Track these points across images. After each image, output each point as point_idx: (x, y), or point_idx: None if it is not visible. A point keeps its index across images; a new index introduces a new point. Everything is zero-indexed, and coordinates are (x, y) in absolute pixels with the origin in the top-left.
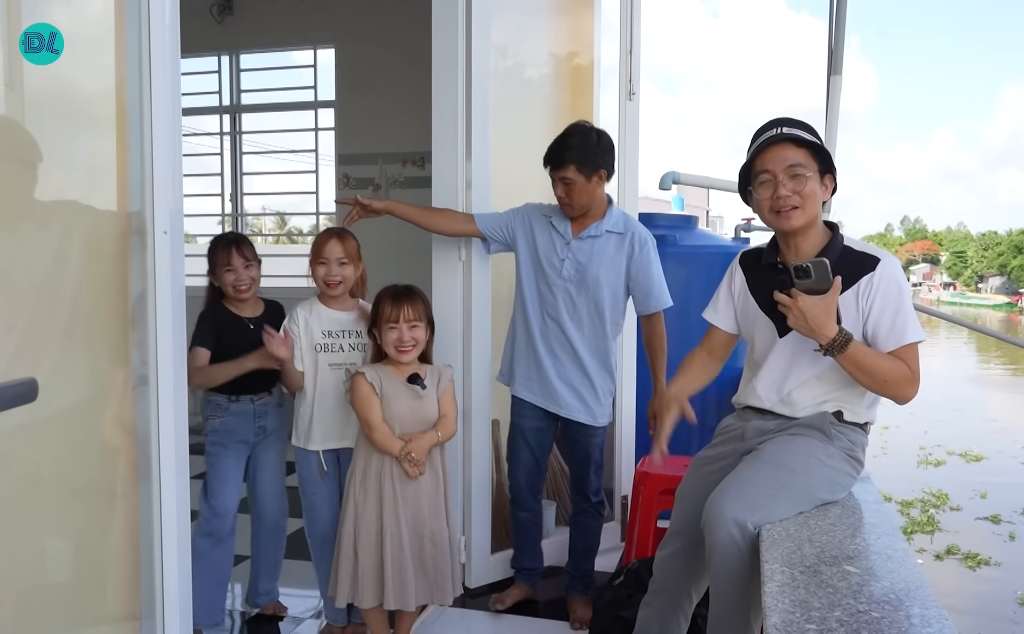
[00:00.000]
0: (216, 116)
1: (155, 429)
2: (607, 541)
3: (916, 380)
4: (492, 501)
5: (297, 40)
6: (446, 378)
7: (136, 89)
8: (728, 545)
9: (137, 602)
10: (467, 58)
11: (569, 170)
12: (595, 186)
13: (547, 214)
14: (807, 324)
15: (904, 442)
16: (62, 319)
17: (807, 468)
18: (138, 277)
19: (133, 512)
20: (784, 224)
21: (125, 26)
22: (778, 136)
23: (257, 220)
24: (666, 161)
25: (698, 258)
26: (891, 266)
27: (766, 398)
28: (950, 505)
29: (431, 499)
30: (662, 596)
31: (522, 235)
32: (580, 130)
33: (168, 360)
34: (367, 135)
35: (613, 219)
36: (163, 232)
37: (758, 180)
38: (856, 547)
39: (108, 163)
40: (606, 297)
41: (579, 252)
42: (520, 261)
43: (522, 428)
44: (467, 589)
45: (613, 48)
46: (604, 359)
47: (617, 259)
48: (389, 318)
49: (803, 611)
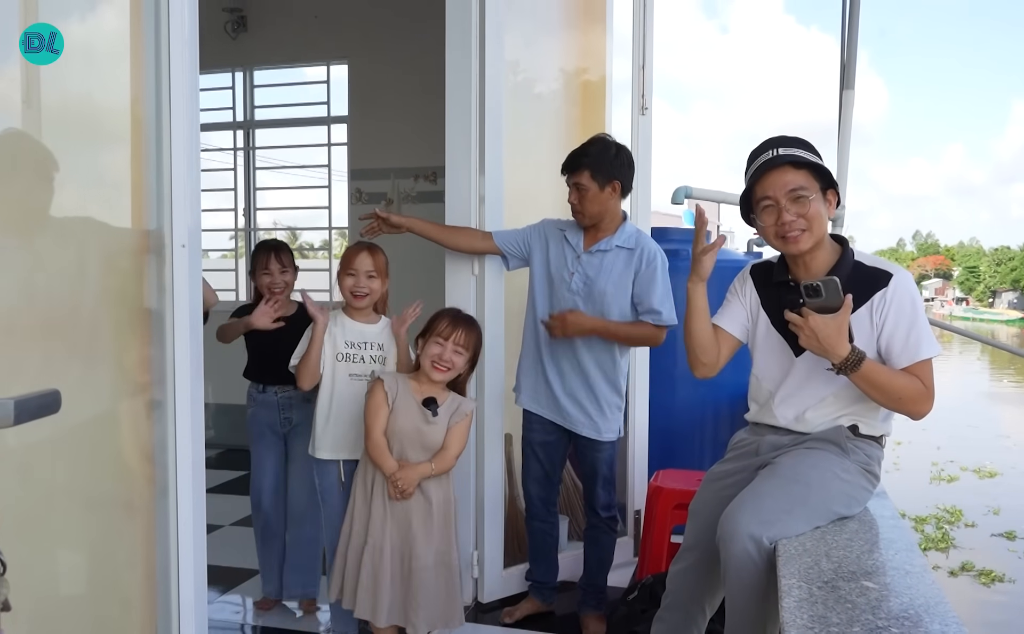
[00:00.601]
0: (230, 132)
1: (172, 443)
2: (621, 556)
3: (931, 396)
4: (505, 515)
5: (310, 56)
6: (463, 412)
7: (153, 103)
8: (744, 560)
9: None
10: (480, 74)
11: (583, 176)
12: (608, 197)
13: (562, 228)
14: (819, 343)
15: (917, 458)
16: (79, 333)
17: (823, 482)
18: (155, 291)
19: (150, 527)
20: (792, 249)
21: (142, 41)
22: (775, 159)
23: (268, 235)
24: (677, 176)
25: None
26: (904, 281)
27: (783, 418)
28: (964, 521)
29: (422, 522)
30: (676, 611)
31: (538, 249)
32: (600, 140)
33: (185, 373)
34: (379, 150)
35: (625, 235)
36: (181, 246)
37: (760, 206)
38: (874, 563)
39: (124, 178)
40: (614, 312)
41: (588, 266)
42: (533, 273)
43: (531, 441)
44: (480, 603)
45: (625, 63)
46: (611, 374)
47: (626, 274)
48: (441, 333)
49: (822, 626)
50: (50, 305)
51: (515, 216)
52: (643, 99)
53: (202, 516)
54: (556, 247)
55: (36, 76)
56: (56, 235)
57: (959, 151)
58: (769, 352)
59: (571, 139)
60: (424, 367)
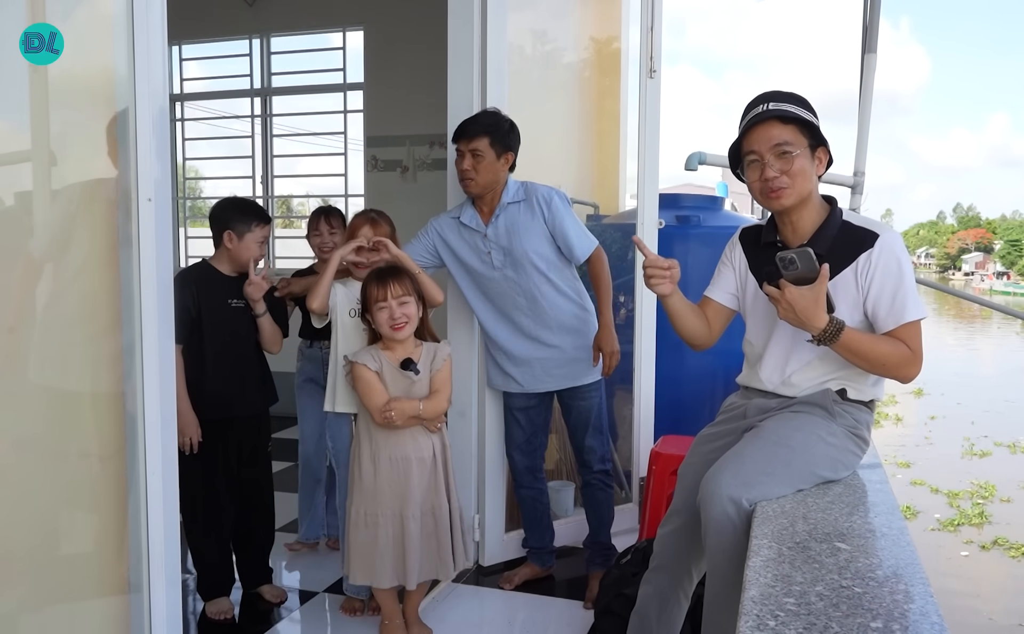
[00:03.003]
0: (247, 99)
1: (140, 395)
2: (626, 522)
3: (918, 359)
4: (507, 481)
5: (326, 23)
6: (441, 356)
7: (125, 62)
8: (723, 522)
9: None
10: (482, 43)
11: (482, 142)
12: (502, 166)
13: (453, 216)
14: (796, 316)
15: (950, 432)
16: (47, 281)
17: (807, 445)
18: (124, 245)
19: (121, 481)
20: (775, 205)
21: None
22: (764, 114)
23: (282, 203)
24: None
25: (722, 239)
26: (890, 241)
27: (768, 381)
28: (1000, 497)
29: (417, 477)
30: (662, 573)
31: (443, 250)
32: (491, 112)
33: (153, 325)
34: (395, 117)
35: (512, 191)
36: (147, 199)
37: (746, 161)
38: (851, 525)
39: (93, 134)
40: (545, 262)
41: (497, 236)
42: (453, 275)
43: (511, 407)
44: (481, 567)
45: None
46: (574, 320)
47: (534, 224)
48: (377, 298)
49: (784, 585)
50: (16, 255)
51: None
52: (651, 62)
53: (173, 468)
54: (458, 238)
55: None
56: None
57: (1003, 120)
58: (757, 314)
59: (585, 105)
60: (385, 334)
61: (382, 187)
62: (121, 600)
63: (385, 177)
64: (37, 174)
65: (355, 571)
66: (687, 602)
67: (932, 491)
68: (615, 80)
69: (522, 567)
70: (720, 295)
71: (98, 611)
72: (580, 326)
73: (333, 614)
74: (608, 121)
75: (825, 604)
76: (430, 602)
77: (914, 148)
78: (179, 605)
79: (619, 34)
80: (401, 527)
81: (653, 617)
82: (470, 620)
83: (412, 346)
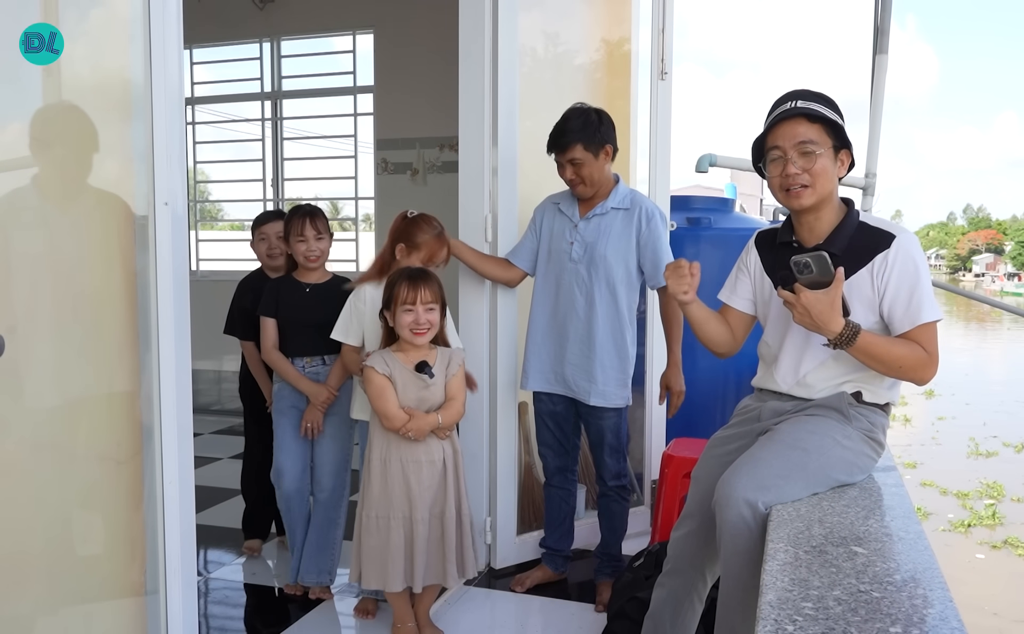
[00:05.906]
0: (258, 102)
1: (156, 401)
2: (638, 525)
3: (934, 362)
4: (521, 483)
5: (336, 26)
6: (456, 363)
7: (142, 68)
8: (738, 525)
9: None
10: (493, 44)
11: (576, 150)
12: (603, 162)
13: (556, 201)
14: (812, 320)
15: (957, 433)
16: (65, 287)
17: (822, 448)
18: (141, 250)
19: (137, 481)
20: (794, 203)
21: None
22: (791, 111)
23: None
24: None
25: (733, 240)
26: (907, 242)
27: (783, 382)
28: (1011, 497)
29: (427, 481)
30: (676, 576)
31: (543, 230)
32: (578, 111)
33: (169, 328)
34: (405, 120)
35: (619, 196)
36: (164, 203)
37: (769, 156)
38: (868, 529)
39: (113, 141)
40: (618, 275)
41: (586, 232)
42: (538, 253)
43: (540, 412)
44: (493, 570)
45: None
46: (618, 342)
47: (625, 235)
48: (406, 300)
49: (801, 589)
50: (33, 259)
51: (534, 185)
52: (662, 64)
53: (189, 473)
54: (553, 221)
55: None
56: (55, 198)
57: (1012, 119)
58: (773, 316)
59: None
60: (404, 337)
61: (392, 190)
62: (137, 602)
63: (395, 180)
64: (53, 178)
65: (367, 575)
66: (701, 605)
67: (942, 493)
68: (625, 82)
69: (534, 570)
70: (738, 302)
71: (115, 613)
72: (618, 350)
73: (345, 616)
74: (619, 123)
75: (843, 609)
76: (441, 605)
77: (922, 148)
78: (195, 607)
79: (629, 36)
80: (411, 529)
81: (667, 620)
82: (482, 623)
83: (427, 350)
